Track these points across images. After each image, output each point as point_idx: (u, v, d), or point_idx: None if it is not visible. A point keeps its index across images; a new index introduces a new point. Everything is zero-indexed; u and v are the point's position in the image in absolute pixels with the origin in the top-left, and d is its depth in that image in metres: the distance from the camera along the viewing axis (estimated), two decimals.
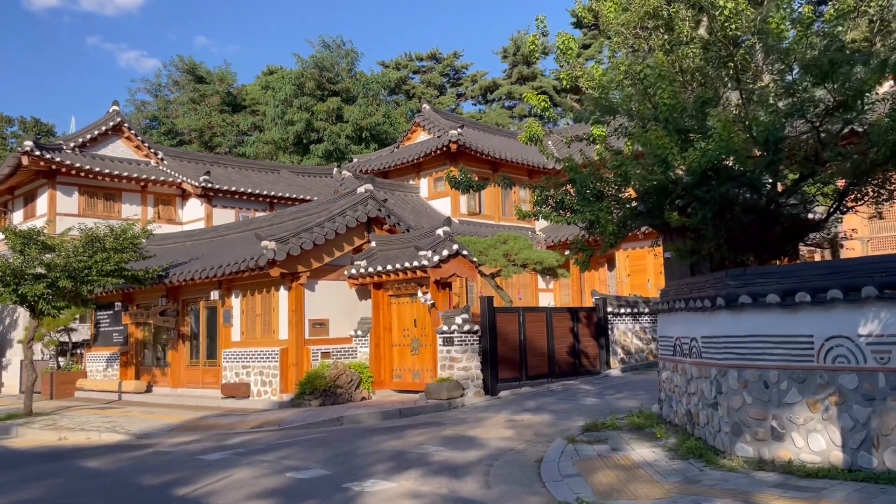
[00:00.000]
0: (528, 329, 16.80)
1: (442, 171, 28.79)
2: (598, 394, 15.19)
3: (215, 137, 45.63)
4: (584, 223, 9.94)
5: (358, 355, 17.64)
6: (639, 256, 28.05)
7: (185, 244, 22.87)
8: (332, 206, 17.77)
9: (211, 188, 29.03)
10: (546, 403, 14.20)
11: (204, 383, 19.26)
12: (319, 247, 16.85)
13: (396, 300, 17.32)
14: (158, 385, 20.87)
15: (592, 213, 9.20)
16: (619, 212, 9.56)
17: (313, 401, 15.81)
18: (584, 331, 18.24)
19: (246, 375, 17.44)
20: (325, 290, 17.27)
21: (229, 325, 18.34)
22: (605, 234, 9.47)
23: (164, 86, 48.62)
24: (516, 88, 58.06)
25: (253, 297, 17.79)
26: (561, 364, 17.53)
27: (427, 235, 16.55)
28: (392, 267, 16.25)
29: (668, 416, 10.46)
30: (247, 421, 14.37)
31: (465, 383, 15.28)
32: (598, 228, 9.84)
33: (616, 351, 19.01)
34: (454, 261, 16.08)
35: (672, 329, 10.15)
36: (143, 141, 30.03)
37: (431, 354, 16.25)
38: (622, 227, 9.69)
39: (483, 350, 15.73)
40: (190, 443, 12.28)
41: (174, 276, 18.68)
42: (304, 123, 41.07)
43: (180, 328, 20.19)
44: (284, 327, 16.83)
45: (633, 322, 19.82)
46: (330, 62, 43.10)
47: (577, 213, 9.72)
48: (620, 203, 9.53)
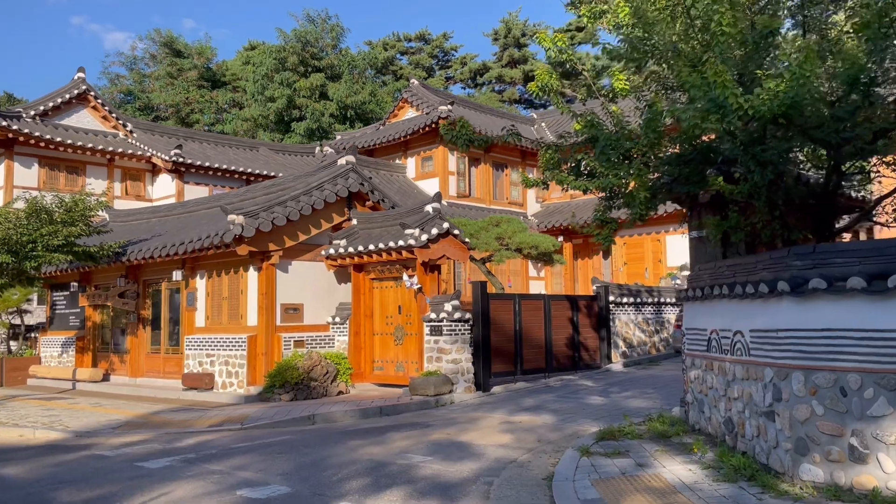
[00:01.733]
0: (524, 318, 15.18)
1: (430, 151, 27.07)
2: (602, 391, 13.60)
3: (193, 114, 43.51)
4: (604, 191, 8.28)
5: (335, 344, 15.93)
6: (636, 244, 26.53)
7: (149, 221, 21.00)
8: (310, 178, 16.01)
9: (183, 163, 27.10)
10: (545, 402, 12.59)
11: (165, 372, 17.48)
12: (294, 223, 15.10)
13: (379, 284, 15.63)
14: (116, 373, 19.05)
15: (619, 178, 7.56)
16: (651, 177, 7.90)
17: (284, 395, 14.11)
18: (584, 321, 16.65)
19: (210, 365, 15.69)
20: (299, 272, 15.54)
21: (193, 308, 16.55)
22: (634, 203, 7.81)
23: (139, 59, 46.37)
24: (507, 72, 56.31)
25: (219, 278, 16.02)
26: (559, 357, 15.94)
27: (414, 212, 14.84)
28: (375, 247, 14.54)
29: (697, 423, 8.87)
30: (206, 417, 12.64)
31: (454, 378, 13.64)
32: (620, 198, 8.22)
33: (617, 344, 17.45)
34: (444, 241, 14.40)
35: (705, 320, 8.55)
36: (111, 111, 28.01)
37: (417, 345, 14.58)
38: (654, 196, 8.02)
39: (475, 341, 14.09)
40: (135, 444, 10.54)
41: (132, 253, 16.84)
42: (286, 100, 39.06)
43: (140, 311, 18.37)
44: (253, 312, 15.09)
45: (636, 313, 18.26)
46: (314, 36, 41.04)
47: (598, 177, 8.04)
48: (652, 167, 7.86)
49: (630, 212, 8.32)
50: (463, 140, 9.20)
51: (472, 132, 9.36)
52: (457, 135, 9.15)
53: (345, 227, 16.14)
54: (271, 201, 14.93)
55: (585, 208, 27.99)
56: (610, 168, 7.62)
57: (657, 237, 25.85)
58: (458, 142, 9.24)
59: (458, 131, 9.14)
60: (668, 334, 19.29)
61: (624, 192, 7.84)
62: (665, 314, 19.34)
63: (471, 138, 9.33)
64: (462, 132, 9.15)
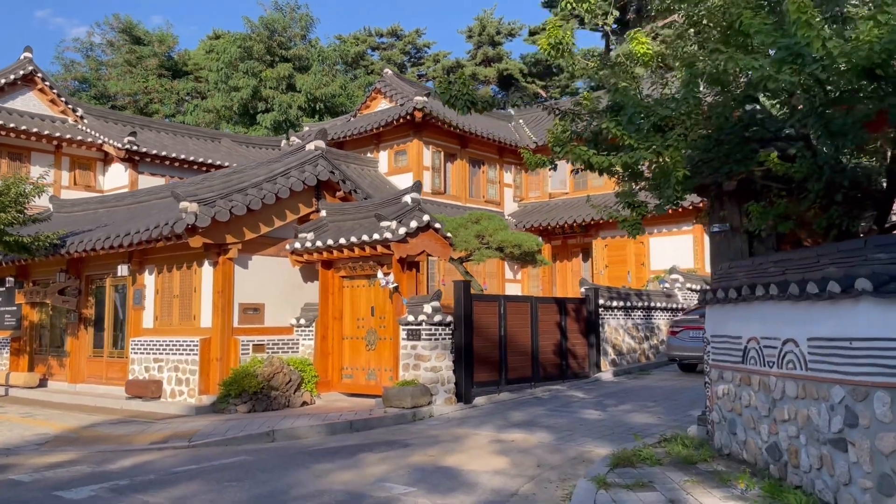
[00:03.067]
0: (509, 322, 13.82)
1: (404, 144, 25.62)
2: (596, 404, 12.30)
3: (152, 104, 41.34)
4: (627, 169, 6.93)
5: (300, 349, 14.39)
6: (619, 245, 25.43)
7: (97, 211, 19.16)
8: (275, 165, 14.45)
9: (137, 151, 25.17)
10: (537, 416, 11.24)
11: (108, 378, 15.72)
12: (255, 213, 13.54)
13: (350, 283, 14.13)
14: (55, 378, 17.20)
15: (652, 150, 6.24)
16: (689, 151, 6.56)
17: (240, 405, 12.52)
18: (573, 326, 15.36)
19: (158, 371, 14.01)
20: (261, 268, 13.97)
21: (140, 307, 14.85)
22: (668, 184, 6.48)
23: (96, 45, 44.02)
24: (481, 70, 55.01)
25: (170, 273, 14.35)
26: (545, 365, 14.61)
27: (391, 203, 13.38)
28: (346, 240, 13.05)
29: (726, 447, 7.58)
30: (149, 432, 11.02)
31: (433, 388, 12.21)
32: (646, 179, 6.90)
33: (606, 351, 16.19)
34: (424, 235, 12.97)
35: (739, 326, 7.27)
36: (60, 95, 25.93)
37: (392, 350, 13.12)
38: (693, 175, 6.70)
39: (456, 346, 12.69)
40: (60, 465, 8.90)
41: (73, 245, 15.08)
42: (251, 90, 37.19)
43: (82, 310, 16.57)
44: (207, 312, 13.47)
45: (626, 318, 17.04)
46: (282, 25, 39.24)
47: (624, 151, 6.68)
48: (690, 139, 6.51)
49: (660, 195, 6.99)
50: (464, 101, 7.77)
51: (474, 91, 7.90)
52: (457, 94, 7.71)
53: (313, 218, 14.62)
54: (230, 188, 13.35)
55: (565, 208, 26.83)
56: (640, 140, 6.29)
57: (640, 239, 24.71)
58: (457, 103, 7.80)
59: (458, 89, 7.70)
60: (658, 341, 18.11)
61: (655, 170, 6.53)
62: (655, 319, 18.17)
63: (472, 99, 7.90)
64: (463, 90, 7.72)
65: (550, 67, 54.70)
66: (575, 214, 25.32)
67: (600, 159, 7.01)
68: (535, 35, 53.59)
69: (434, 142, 25.70)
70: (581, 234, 26.39)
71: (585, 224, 25.40)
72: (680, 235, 23.79)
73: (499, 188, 28.51)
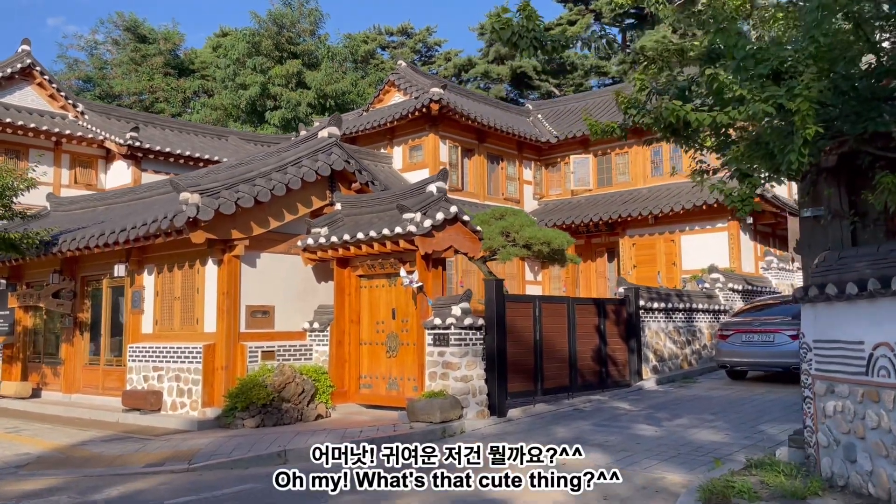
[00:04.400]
0: (544, 325, 12.46)
1: (420, 139, 24.30)
2: (647, 417, 10.91)
3: (157, 103, 40.21)
4: (718, 131, 5.55)
5: (314, 356, 13.07)
6: (648, 244, 24.01)
7: (95, 209, 17.92)
8: (286, 153, 13.15)
9: (140, 148, 23.99)
10: (584, 433, 9.87)
11: (104, 388, 14.45)
12: (264, 206, 12.25)
13: (368, 282, 12.80)
14: (49, 388, 15.95)
15: (772, 103, 4.89)
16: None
17: (247, 419, 11.21)
18: (612, 329, 13.98)
19: (157, 381, 12.72)
20: (270, 267, 12.68)
21: (139, 311, 13.57)
22: (794, 144, 5.09)
23: (100, 43, 42.97)
24: (493, 68, 53.71)
25: (171, 273, 13.07)
26: (584, 373, 13.24)
27: (414, 193, 12.05)
28: (365, 235, 11.72)
29: (841, 477, 6.19)
30: (145, 451, 9.72)
31: (464, 399, 10.85)
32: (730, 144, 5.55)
33: (647, 357, 14.80)
34: (451, 229, 11.63)
35: (860, 328, 5.89)
36: (60, 90, 24.76)
37: (416, 357, 11.79)
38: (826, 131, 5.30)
39: (488, 353, 11.34)
40: (37, 495, 7.61)
41: (65, 243, 13.83)
42: (259, 87, 35.97)
43: (78, 314, 15.32)
44: (211, 316, 12.18)
45: (667, 320, 15.63)
46: (291, 20, 38.04)
47: (732, 104, 5.26)
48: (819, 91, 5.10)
49: (771, 165, 5.62)
50: (528, 40, 6.33)
51: (541, 26, 6.37)
52: (520, 32, 6.27)
53: (326, 212, 13.32)
54: (236, 178, 12.07)
55: (588, 205, 25.45)
56: (755, 90, 4.94)
57: (671, 237, 23.36)
58: (520, 42, 6.38)
59: (521, 26, 6.23)
60: (701, 346, 16.69)
61: (766, 130, 5.16)
62: (696, 322, 16.75)
63: (539, 37, 6.46)
64: (528, 26, 6.27)
65: (564, 65, 53.41)
66: (601, 212, 23.93)
67: (702, 116, 5.61)
68: (550, 31, 52.22)
69: (451, 136, 24.39)
70: (607, 232, 24.99)
71: (612, 222, 24.01)
72: (714, 233, 22.36)
73: (518, 185, 27.15)
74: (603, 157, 26.43)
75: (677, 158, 24.47)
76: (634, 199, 24.44)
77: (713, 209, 21.41)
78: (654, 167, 25.12)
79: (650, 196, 24.18)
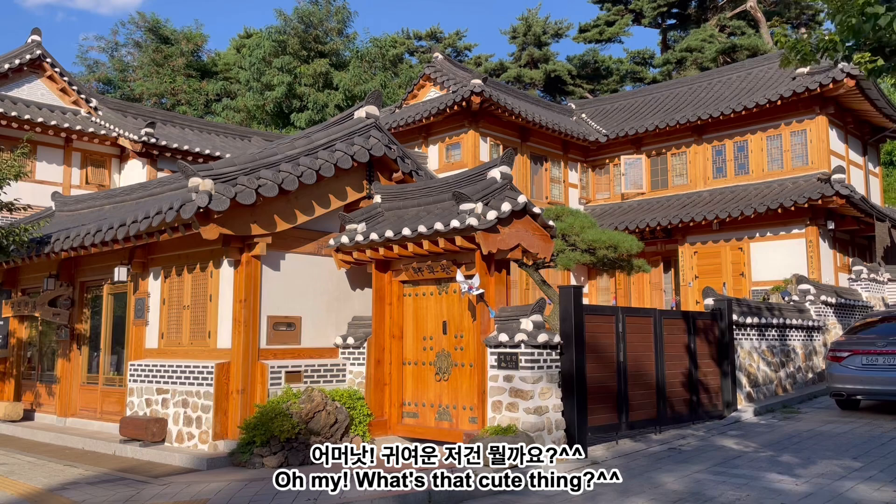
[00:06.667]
0: (629, 343, 10.22)
1: (458, 136, 22.24)
2: (772, 462, 8.58)
3: (179, 105, 38.65)
4: None
5: (347, 378, 10.93)
6: (711, 253, 21.63)
7: (102, 207, 15.98)
8: (316, 135, 11.08)
9: (155, 145, 22.18)
10: (701, 485, 7.57)
11: (102, 412, 12.42)
12: (290, 196, 10.18)
13: (413, 289, 10.65)
14: (43, 409, 13.97)
15: None
16: None
17: (268, 457, 9.08)
18: (703, 349, 11.69)
19: (161, 406, 10.65)
20: (296, 270, 10.59)
21: (142, 322, 11.54)
22: None
23: (121, 45, 41.60)
24: (526, 72, 51.66)
25: (179, 278, 11.03)
26: (672, 402, 10.94)
27: (473, 179, 9.90)
28: (411, 231, 9.57)
29: None
30: (139, 500, 7.60)
31: (537, 437, 8.63)
32: None
33: (740, 381, 12.45)
34: (519, 223, 9.46)
35: None
36: (72, 84, 23.06)
37: (473, 381, 9.59)
38: None
39: (565, 377, 9.12)
40: None
41: (58, 242, 11.87)
42: (286, 88, 34.17)
43: (75, 325, 13.34)
44: (226, 328, 10.10)
45: (760, 338, 13.28)
46: (318, 18, 36.27)
47: None
48: None
49: None
50: None
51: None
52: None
53: (363, 206, 11.22)
54: (257, 162, 10.01)
55: (641, 210, 23.16)
56: None
57: (738, 244, 20.97)
58: None
59: None
60: (795, 368, 14.30)
61: None
62: (790, 340, 14.36)
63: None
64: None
65: (599, 69, 51.25)
66: (659, 216, 21.59)
67: None
68: (586, 32, 50.14)
69: (492, 133, 22.30)
70: (663, 239, 22.62)
71: (670, 227, 21.66)
72: (789, 240, 19.94)
73: (563, 188, 24.95)
74: (657, 158, 24.14)
75: (743, 158, 22.18)
76: (694, 203, 22.12)
77: (789, 212, 19.05)
78: (717, 168, 22.77)
79: (712, 199, 21.86)
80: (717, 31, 39.12)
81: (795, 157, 21.01)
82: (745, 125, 21.88)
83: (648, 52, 49.50)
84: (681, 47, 40.20)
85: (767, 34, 38.20)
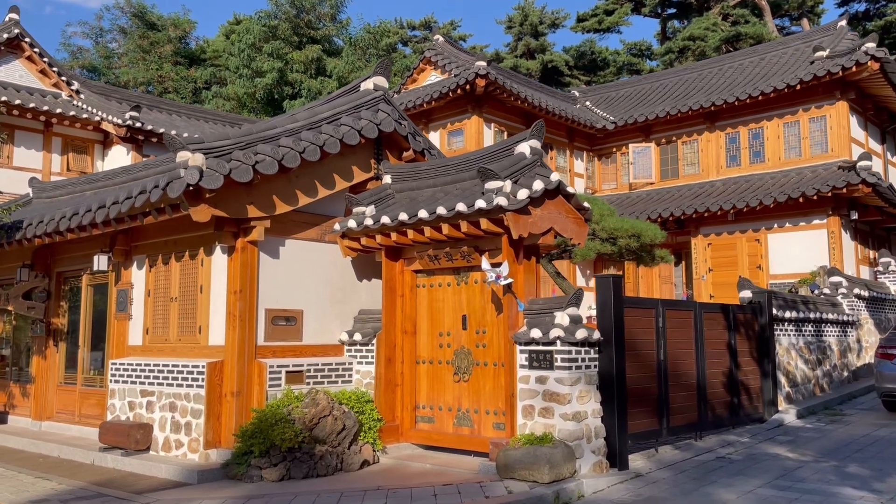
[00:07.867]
0: (669, 340, 9.19)
1: (460, 122, 21.16)
2: (839, 474, 7.58)
3: (167, 93, 37.30)
4: None
5: (354, 378, 9.84)
6: (726, 245, 20.66)
7: (83, 193, 14.77)
8: (319, 108, 9.96)
9: (141, 130, 20.97)
10: (765, 502, 6.55)
11: (81, 416, 11.27)
12: (290, 175, 9.07)
13: (428, 280, 9.57)
14: (17, 412, 12.78)
15: None
16: None
17: (267, 469, 7.99)
18: (742, 346, 10.69)
19: (146, 409, 9.52)
20: (297, 258, 9.49)
21: (125, 316, 10.40)
22: None
23: (105, 30, 40.14)
24: (522, 62, 50.52)
25: (167, 267, 9.90)
26: (714, 404, 9.93)
27: (498, 154, 8.82)
28: (429, 214, 8.49)
29: None
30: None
31: (576, 446, 7.57)
32: None
33: (779, 381, 11.46)
34: (551, 204, 8.39)
35: None
36: (52, 65, 21.76)
37: (499, 383, 8.54)
38: None
39: (603, 378, 8.07)
40: None
41: (31, 227, 10.70)
42: (277, 74, 32.93)
43: (52, 320, 12.17)
44: (219, 323, 8.98)
45: (797, 334, 12.30)
46: (310, 3, 35.00)
47: None
48: None
49: None
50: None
51: None
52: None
53: (370, 188, 10.12)
54: (254, 136, 8.90)
55: (650, 201, 22.17)
56: None
57: (755, 236, 20.01)
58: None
59: None
60: (831, 366, 13.34)
61: None
62: (825, 336, 13.40)
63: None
64: None
65: (596, 61, 50.26)
66: (672, 207, 20.60)
67: None
68: (584, 22, 49.12)
69: (496, 119, 21.24)
70: (674, 230, 21.60)
71: (683, 218, 20.67)
72: (810, 230, 18.98)
73: (569, 178, 23.89)
74: (667, 146, 23.15)
75: (758, 145, 21.22)
76: (707, 193, 21.15)
77: (810, 202, 18.10)
78: (730, 156, 21.80)
79: (725, 189, 20.90)
80: (720, 20, 38.17)
81: (814, 144, 20.07)
82: (761, 111, 20.91)
83: (645, 43, 48.57)
84: (683, 36, 39.21)
85: (772, 22, 37.31)
